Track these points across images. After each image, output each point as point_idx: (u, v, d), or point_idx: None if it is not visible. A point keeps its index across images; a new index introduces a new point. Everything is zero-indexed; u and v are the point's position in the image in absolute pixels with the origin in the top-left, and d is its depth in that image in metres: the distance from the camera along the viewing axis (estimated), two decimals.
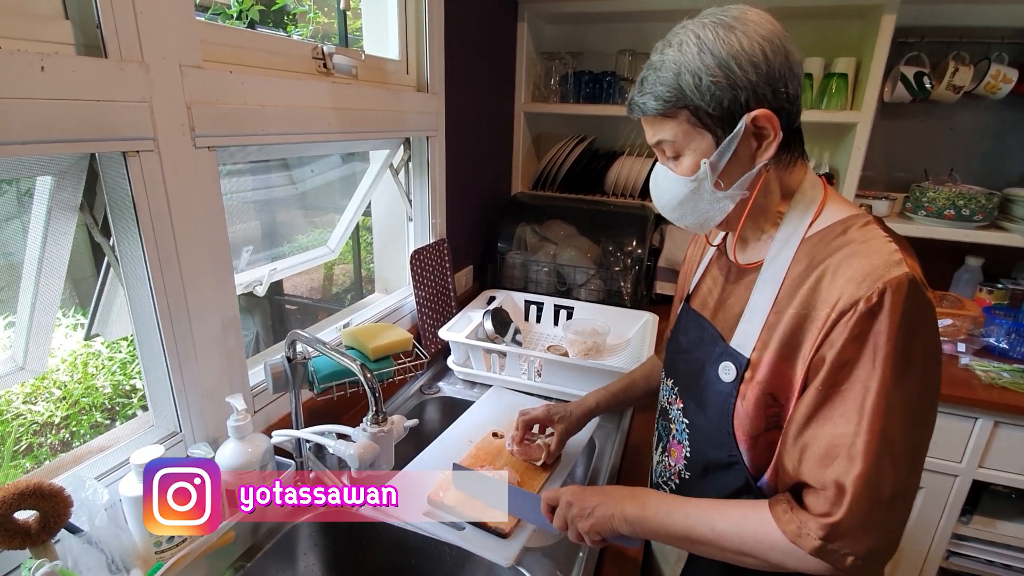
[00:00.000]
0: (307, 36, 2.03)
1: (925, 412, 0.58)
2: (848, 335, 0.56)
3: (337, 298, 3.22)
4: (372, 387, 0.67)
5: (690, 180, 0.66)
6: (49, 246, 0.73)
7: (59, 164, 0.66)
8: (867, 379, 0.55)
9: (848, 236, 0.62)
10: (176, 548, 0.68)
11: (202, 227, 0.78)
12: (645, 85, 0.66)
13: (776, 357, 0.63)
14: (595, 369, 1.20)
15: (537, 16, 1.93)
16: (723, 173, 0.65)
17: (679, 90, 0.62)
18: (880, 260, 0.57)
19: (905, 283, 0.55)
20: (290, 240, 2.14)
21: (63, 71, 0.57)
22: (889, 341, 0.54)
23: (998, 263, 1.78)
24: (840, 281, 0.58)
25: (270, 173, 1.60)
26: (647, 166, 1.88)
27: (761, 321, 0.65)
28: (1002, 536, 1.53)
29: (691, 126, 0.64)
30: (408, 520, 0.86)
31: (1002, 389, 1.41)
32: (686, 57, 0.62)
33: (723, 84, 0.60)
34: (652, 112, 0.65)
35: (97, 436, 0.93)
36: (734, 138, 0.62)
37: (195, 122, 0.73)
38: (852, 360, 0.56)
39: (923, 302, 0.56)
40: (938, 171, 1.81)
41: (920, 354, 0.56)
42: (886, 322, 0.54)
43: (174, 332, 0.76)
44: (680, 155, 0.67)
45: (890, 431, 0.55)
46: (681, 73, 0.62)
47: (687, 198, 0.68)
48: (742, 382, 0.66)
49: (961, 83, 1.61)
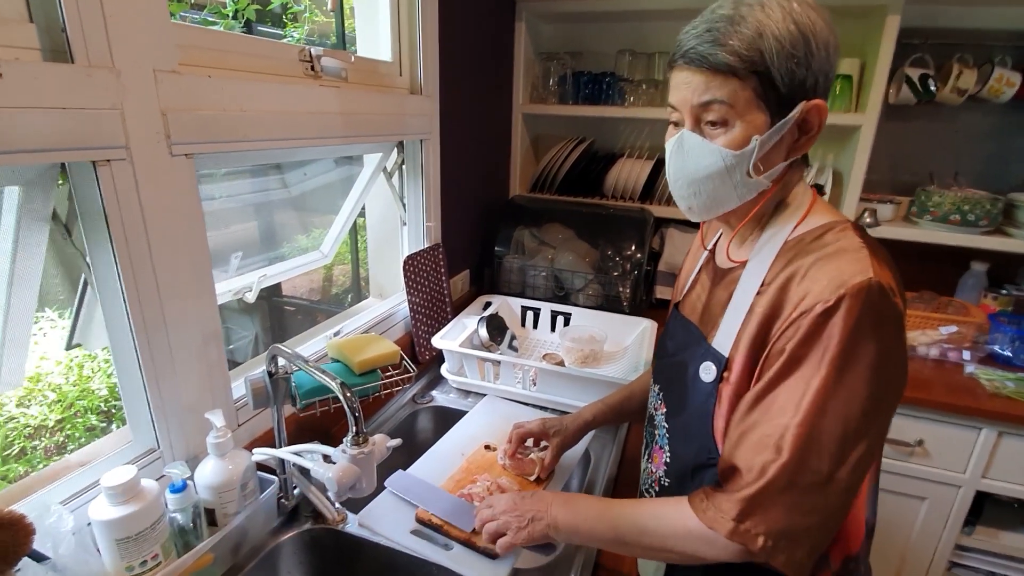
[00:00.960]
0: (303, 36, 2.00)
1: (868, 414, 0.57)
2: (803, 333, 0.56)
3: (337, 299, 3.20)
4: (352, 407, 0.64)
5: (732, 154, 0.60)
6: (19, 257, 0.70)
7: (25, 174, 0.63)
8: (811, 376, 0.56)
9: (824, 240, 0.62)
10: (150, 572, 0.65)
11: (179, 237, 0.75)
12: (713, 35, 0.59)
13: (746, 357, 0.63)
14: (591, 379, 1.17)
15: (535, 16, 1.90)
16: (763, 157, 0.61)
17: (758, 52, 0.57)
18: (847, 265, 0.57)
19: (865, 288, 0.55)
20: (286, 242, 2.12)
21: (24, 78, 0.55)
22: (839, 343, 0.55)
23: (1003, 268, 1.74)
24: (807, 283, 0.58)
25: (262, 176, 1.58)
26: (647, 168, 1.85)
27: (740, 320, 0.65)
28: (1005, 547, 1.50)
29: (755, 96, 0.59)
30: (395, 539, 0.84)
31: (1007, 399, 1.38)
32: (771, 20, 0.58)
33: (802, 60, 0.58)
34: (722, 65, 0.58)
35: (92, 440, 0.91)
36: (787, 122, 0.60)
37: (171, 129, 0.70)
38: (800, 357, 0.57)
39: (884, 308, 0.55)
40: (942, 174, 1.78)
41: (870, 358, 0.55)
42: (839, 324, 0.55)
43: (150, 346, 0.73)
44: (729, 124, 0.61)
45: (822, 426, 0.55)
46: (764, 35, 0.57)
47: (716, 174, 0.62)
48: (721, 382, 0.66)
49: (965, 86, 1.58)
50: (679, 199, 0.68)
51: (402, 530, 0.85)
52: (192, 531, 0.73)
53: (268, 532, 0.84)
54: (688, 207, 0.68)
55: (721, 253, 0.76)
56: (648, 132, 2.04)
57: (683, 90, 0.62)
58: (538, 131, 2.15)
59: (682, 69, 0.62)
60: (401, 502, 0.91)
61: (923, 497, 1.50)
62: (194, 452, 0.82)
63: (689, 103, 0.62)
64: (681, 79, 0.62)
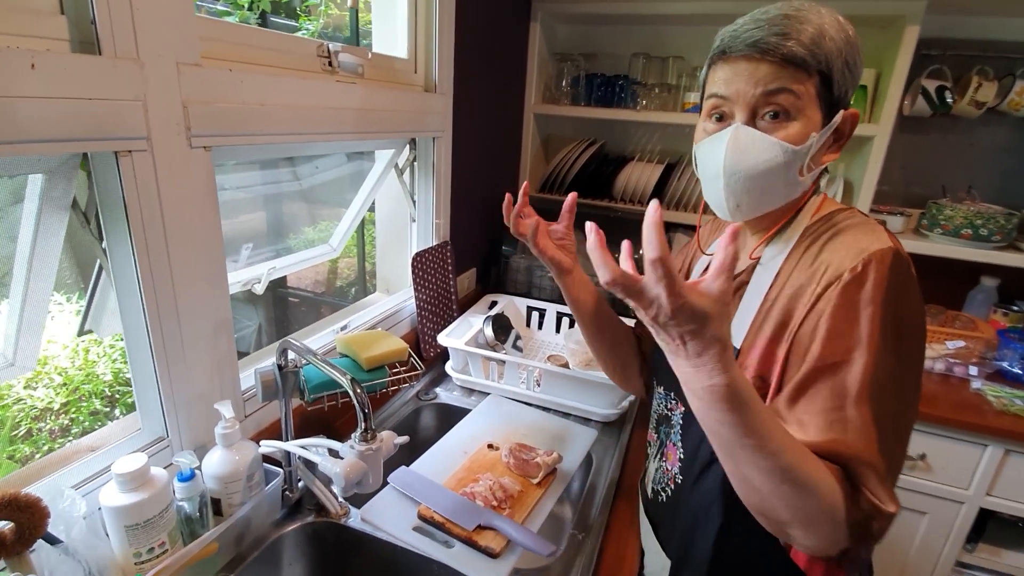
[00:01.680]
0: (318, 30, 2.01)
1: (912, 381, 0.58)
2: (836, 303, 0.56)
3: (341, 292, 3.21)
4: (361, 403, 0.65)
5: (792, 149, 0.60)
6: (39, 244, 0.71)
7: (49, 163, 0.64)
8: (859, 349, 0.55)
9: (834, 220, 0.65)
10: (157, 559, 0.66)
11: (196, 228, 0.76)
12: (784, 28, 0.58)
13: (767, 340, 0.63)
14: (595, 382, 1.17)
15: (550, 16, 1.89)
16: (814, 157, 0.63)
17: (822, 51, 0.58)
18: (864, 235, 0.59)
19: (890, 254, 0.56)
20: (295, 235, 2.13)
21: (54, 69, 0.55)
22: (876, 310, 0.55)
23: (1014, 284, 1.73)
24: (826, 255, 0.60)
25: (274, 168, 1.59)
26: (657, 172, 1.85)
27: (754, 310, 0.66)
28: (1007, 566, 1.49)
29: (815, 93, 0.60)
30: (396, 535, 0.84)
31: (1015, 416, 1.37)
32: (828, 24, 0.59)
33: (852, 67, 0.61)
34: (795, 56, 0.58)
35: (95, 424, 0.91)
36: (833, 125, 0.62)
37: (191, 121, 0.71)
38: (840, 329, 0.56)
39: (908, 273, 0.57)
40: (956, 188, 1.77)
41: (907, 319, 0.56)
42: (871, 291, 0.55)
43: (163, 335, 0.74)
44: (791, 117, 0.61)
45: (883, 398, 0.55)
46: (825, 36, 0.59)
47: (775, 169, 0.61)
48: None
49: (984, 99, 1.57)
50: (727, 196, 0.65)
51: (404, 526, 0.86)
52: (198, 520, 0.74)
53: (271, 524, 0.85)
54: (737, 204, 0.65)
55: None
56: (659, 136, 2.04)
57: (740, 81, 0.61)
58: (549, 131, 2.15)
59: (742, 59, 0.61)
60: (403, 498, 0.91)
61: (924, 512, 1.50)
62: (201, 442, 0.82)
63: (750, 94, 0.61)
64: (740, 70, 0.61)
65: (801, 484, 0.52)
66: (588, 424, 1.20)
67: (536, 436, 1.11)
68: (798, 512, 0.54)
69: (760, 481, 0.53)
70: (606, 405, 1.19)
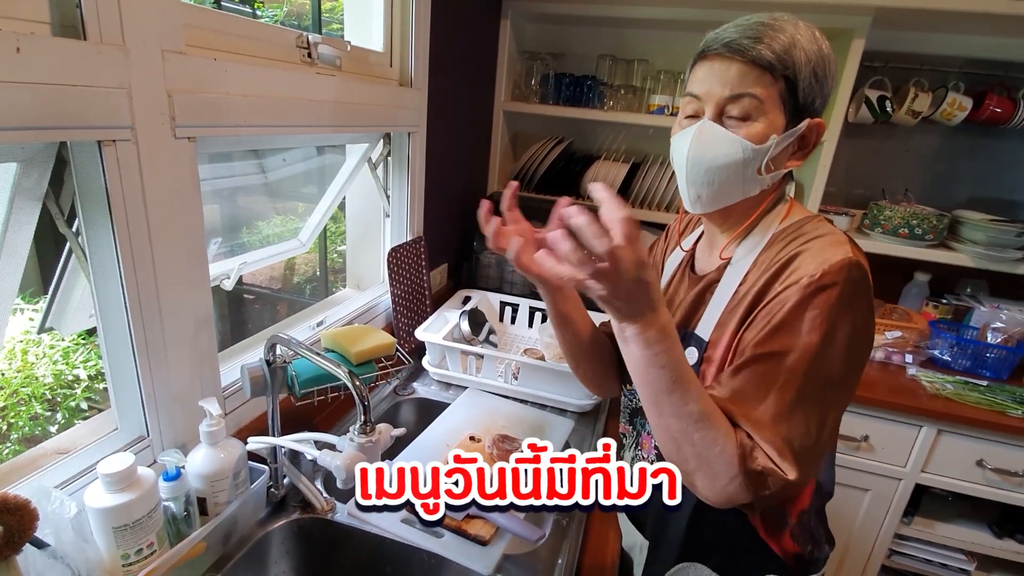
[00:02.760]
0: (281, 18, 1.95)
1: (843, 379, 0.63)
2: (791, 303, 0.61)
3: (299, 288, 3.12)
4: (361, 395, 0.65)
5: (752, 147, 0.65)
6: (9, 237, 0.68)
7: (27, 151, 0.61)
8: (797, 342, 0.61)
9: (804, 229, 0.69)
10: (146, 560, 0.65)
11: (178, 221, 0.74)
12: (758, 33, 0.63)
13: (731, 333, 0.68)
14: (571, 374, 1.20)
15: (520, 15, 1.91)
16: (774, 159, 0.67)
17: (791, 59, 0.63)
18: (830, 246, 0.63)
19: (848, 266, 0.61)
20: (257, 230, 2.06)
21: (40, 53, 0.53)
22: (825, 313, 0.60)
23: (944, 280, 1.89)
24: (795, 262, 0.64)
25: (241, 160, 1.53)
26: (623, 171, 1.90)
27: (723, 306, 0.71)
28: (940, 536, 1.63)
29: (779, 99, 0.64)
30: (385, 527, 0.85)
31: (946, 399, 1.50)
32: (801, 35, 0.64)
33: (820, 79, 0.65)
34: (762, 59, 0.63)
35: (35, 429, 0.84)
36: (797, 131, 0.66)
37: (176, 111, 0.69)
38: (787, 323, 0.61)
39: (860, 283, 0.62)
40: (893, 190, 1.91)
41: (850, 327, 0.61)
42: (825, 296, 0.60)
43: (144, 331, 0.72)
44: (752, 119, 0.65)
45: (806, 388, 0.61)
46: (796, 46, 0.63)
47: (733, 164, 0.66)
48: (703, 363, 0.71)
49: (920, 109, 1.70)
50: (689, 187, 0.71)
51: (392, 518, 0.87)
52: (184, 520, 0.72)
53: (256, 522, 0.84)
54: (697, 195, 0.71)
55: (704, 258, 0.81)
56: (625, 136, 2.10)
57: (712, 81, 0.66)
58: (518, 128, 2.17)
59: (717, 59, 0.65)
60: None
61: (867, 489, 1.62)
62: (182, 440, 0.80)
63: (719, 95, 0.66)
64: (714, 69, 0.66)
65: (710, 432, 0.60)
66: (565, 415, 1.23)
67: (516, 427, 1.13)
68: (702, 460, 0.61)
69: (677, 428, 0.61)
70: (582, 396, 1.23)
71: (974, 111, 1.68)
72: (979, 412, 1.46)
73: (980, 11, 1.43)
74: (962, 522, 1.66)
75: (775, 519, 0.75)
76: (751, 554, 0.76)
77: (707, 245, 0.82)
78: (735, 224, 0.75)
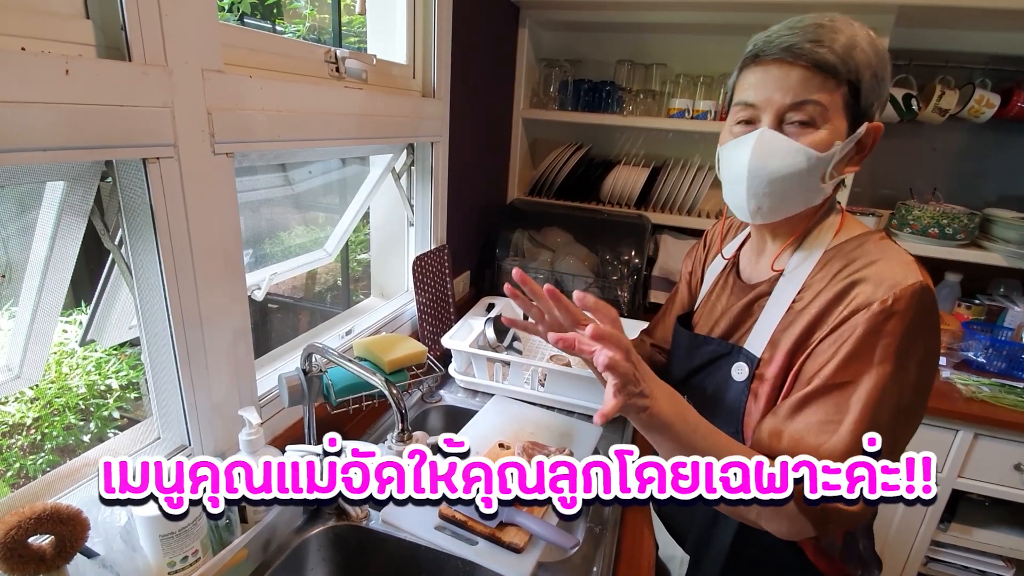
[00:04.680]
0: (304, 33, 1.99)
1: (914, 405, 0.62)
2: (862, 330, 0.59)
3: (319, 297, 3.16)
4: (399, 404, 0.66)
5: (817, 155, 0.62)
6: (56, 252, 0.70)
7: (75, 169, 0.63)
8: (872, 370, 0.59)
9: (866, 248, 0.66)
10: (191, 567, 0.66)
11: (217, 234, 0.75)
12: (818, 35, 0.60)
13: (787, 353, 0.66)
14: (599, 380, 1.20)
15: (538, 23, 1.93)
16: (836, 165, 0.64)
17: (853, 61, 0.60)
18: (899, 268, 0.61)
19: (920, 291, 0.59)
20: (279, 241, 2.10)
21: (88, 74, 0.55)
22: (898, 340, 0.59)
23: (975, 280, 1.85)
24: (859, 284, 0.62)
25: (265, 173, 1.57)
26: (643, 176, 1.90)
27: (775, 322, 0.68)
28: (977, 543, 1.59)
29: (843, 103, 0.61)
30: (419, 534, 0.85)
31: (982, 403, 1.47)
32: (860, 36, 0.61)
33: (881, 81, 0.62)
34: (826, 63, 0.59)
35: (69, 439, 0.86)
36: (857, 136, 0.63)
37: (215, 128, 0.71)
38: (860, 352, 0.60)
39: (931, 309, 0.61)
40: (920, 189, 1.88)
41: (921, 353, 0.60)
42: (897, 322, 0.59)
43: (187, 342, 0.73)
44: (816, 126, 0.62)
45: (880, 415, 0.59)
46: (857, 47, 0.60)
47: (797, 174, 0.63)
48: (753, 380, 0.69)
49: (947, 106, 1.67)
50: (750, 198, 0.67)
51: (426, 526, 0.87)
52: (226, 527, 0.73)
53: (293, 529, 0.85)
54: (758, 207, 0.67)
55: (751, 266, 0.79)
56: (644, 140, 2.09)
57: (771, 87, 0.63)
58: (536, 136, 2.18)
59: (774, 63, 0.62)
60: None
61: None
62: (222, 449, 0.82)
63: (779, 102, 0.63)
64: (771, 75, 0.63)
65: None
66: (592, 421, 1.23)
67: (545, 434, 1.13)
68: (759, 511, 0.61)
69: None
70: None
71: (1001, 108, 1.65)
72: (1017, 415, 1.42)
73: (1005, 7, 1.41)
74: (1000, 528, 1.61)
75: (823, 539, 0.73)
76: (797, 574, 0.75)
77: (753, 253, 0.80)
78: (788, 232, 0.72)
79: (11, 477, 2.03)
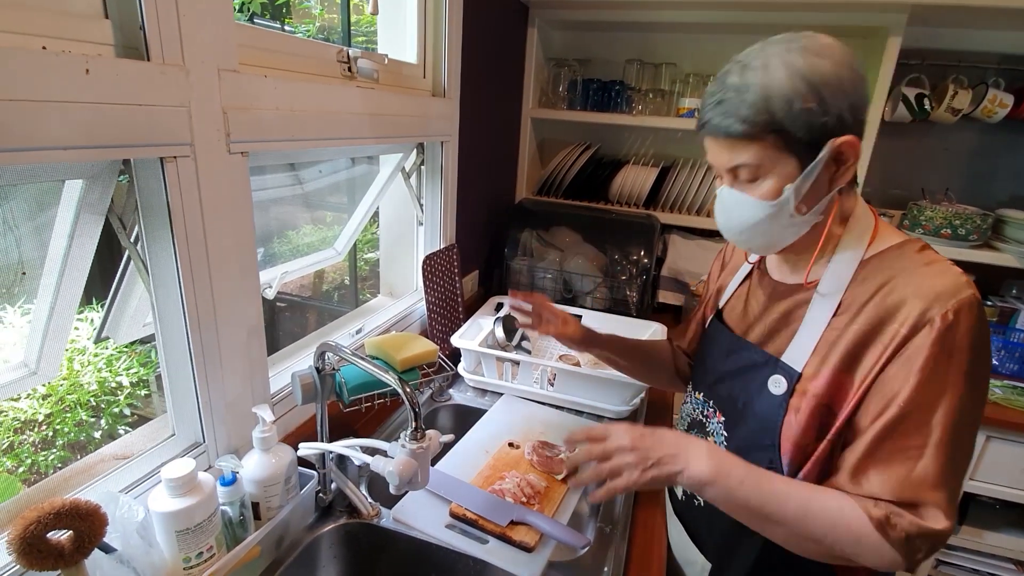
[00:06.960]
0: (313, 33, 2.00)
1: (980, 412, 0.63)
2: (930, 351, 0.59)
3: (327, 296, 3.17)
4: (412, 402, 0.66)
5: (770, 204, 0.65)
6: (74, 250, 0.70)
7: (93, 168, 0.64)
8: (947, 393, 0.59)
9: (908, 258, 0.65)
10: (206, 563, 0.66)
11: (232, 233, 0.76)
12: (726, 106, 0.63)
13: (835, 370, 0.65)
14: (607, 379, 1.20)
15: (547, 22, 1.93)
16: (804, 198, 0.65)
17: (769, 114, 0.61)
18: (950, 281, 0.61)
19: (977, 303, 0.59)
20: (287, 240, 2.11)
21: (107, 74, 0.56)
22: (968, 356, 0.59)
23: (988, 281, 1.83)
24: (909, 298, 0.61)
25: (274, 173, 1.57)
26: (652, 175, 1.89)
27: (816, 336, 0.68)
28: (988, 545, 1.58)
29: (776, 150, 0.63)
30: (430, 532, 0.86)
31: (994, 405, 1.46)
32: (775, 81, 0.60)
33: (815, 110, 0.60)
34: (737, 134, 0.63)
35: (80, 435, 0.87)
36: (818, 163, 0.63)
37: (230, 127, 0.71)
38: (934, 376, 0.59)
39: (985, 319, 0.61)
40: (932, 190, 1.86)
41: (986, 365, 0.61)
42: (961, 339, 0.58)
43: (202, 339, 0.74)
44: (759, 179, 0.65)
45: (961, 432, 0.60)
46: (771, 97, 0.60)
47: (762, 222, 0.67)
48: (793, 394, 0.68)
49: (960, 106, 1.66)
50: (737, 243, 0.74)
51: (436, 524, 0.87)
52: (239, 524, 0.74)
53: (305, 526, 0.85)
54: (748, 248, 0.74)
55: (778, 268, 0.79)
56: (653, 140, 2.09)
57: (713, 155, 0.69)
58: (545, 135, 2.18)
59: (707, 138, 0.68)
60: (434, 497, 0.93)
61: None
62: (235, 446, 0.82)
63: (722, 166, 0.68)
64: (709, 146, 0.69)
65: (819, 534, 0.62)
66: (601, 421, 1.23)
67: (554, 434, 1.13)
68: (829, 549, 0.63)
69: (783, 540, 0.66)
70: (618, 402, 1.22)
71: (1015, 108, 1.63)
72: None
73: (1018, 7, 1.40)
74: (1011, 531, 1.60)
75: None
76: None
77: (779, 258, 0.80)
78: (806, 248, 0.72)
79: (23, 473, 2.05)
